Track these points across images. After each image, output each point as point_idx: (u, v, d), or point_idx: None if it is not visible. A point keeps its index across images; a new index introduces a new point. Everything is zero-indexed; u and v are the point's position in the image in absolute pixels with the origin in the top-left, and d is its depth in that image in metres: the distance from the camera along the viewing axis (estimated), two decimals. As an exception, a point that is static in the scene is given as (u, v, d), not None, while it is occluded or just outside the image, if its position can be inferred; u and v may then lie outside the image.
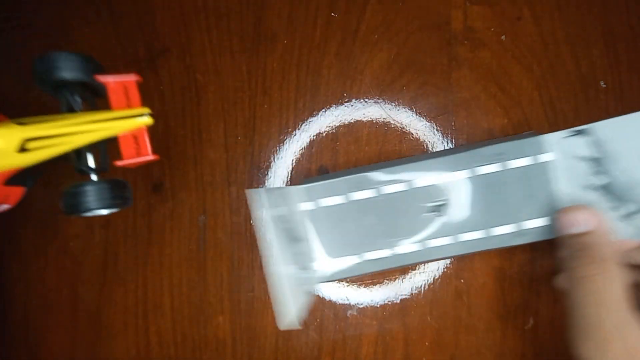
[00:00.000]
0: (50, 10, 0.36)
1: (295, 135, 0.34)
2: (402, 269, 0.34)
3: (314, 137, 0.34)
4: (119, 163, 0.23)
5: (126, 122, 0.22)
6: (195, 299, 0.34)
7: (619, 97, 0.34)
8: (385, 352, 0.33)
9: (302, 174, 0.34)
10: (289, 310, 0.25)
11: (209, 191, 0.34)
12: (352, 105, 0.35)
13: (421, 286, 0.34)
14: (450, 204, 0.30)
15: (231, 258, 0.34)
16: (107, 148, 0.24)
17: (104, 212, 0.23)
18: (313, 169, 0.34)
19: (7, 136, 0.19)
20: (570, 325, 0.27)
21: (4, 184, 0.21)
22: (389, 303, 0.34)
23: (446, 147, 0.34)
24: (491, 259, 0.34)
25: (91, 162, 0.23)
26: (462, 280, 0.34)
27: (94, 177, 0.23)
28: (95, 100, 0.25)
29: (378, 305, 0.34)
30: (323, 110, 0.35)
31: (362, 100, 0.35)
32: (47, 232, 0.35)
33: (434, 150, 0.34)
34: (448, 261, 0.34)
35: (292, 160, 0.34)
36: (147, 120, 0.23)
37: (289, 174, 0.34)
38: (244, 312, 0.34)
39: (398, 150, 0.34)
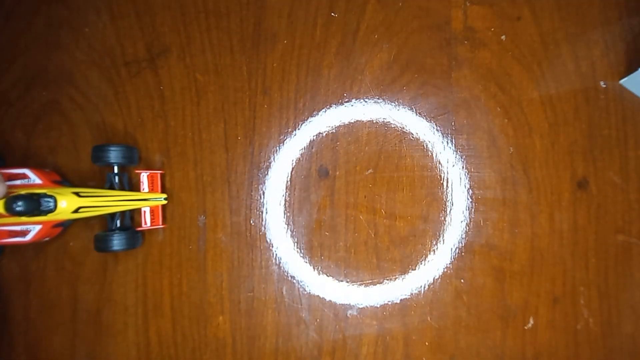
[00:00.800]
0: (50, 10, 0.36)
1: (295, 135, 0.34)
2: (402, 269, 0.34)
3: (314, 137, 0.34)
4: (139, 228, 0.33)
5: (149, 202, 0.33)
6: (195, 299, 0.34)
7: (619, 97, 0.34)
8: (385, 352, 0.33)
9: (302, 174, 0.34)
10: None
11: (209, 191, 0.34)
12: (352, 105, 0.35)
13: (421, 286, 0.34)
14: None
15: (231, 258, 0.34)
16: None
17: (120, 250, 0.32)
18: (313, 169, 0.34)
19: (70, 204, 0.30)
20: None
21: (52, 227, 0.31)
22: (389, 303, 0.34)
23: (446, 147, 0.34)
24: (491, 259, 0.34)
25: (118, 222, 0.33)
26: (462, 280, 0.34)
27: (117, 229, 0.33)
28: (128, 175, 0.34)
29: (378, 305, 0.34)
30: (323, 110, 0.35)
31: (362, 100, 0.35)
32: (47, 232, 0.35)
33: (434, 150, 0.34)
34: (448, 261, 0.34)
35: (292, 160, 0.34)
36: (163, 202, 0.33)
37: (289, 174, 0.34)
38: (244, 312, 0.34)
39: (398, 150, 0.34)
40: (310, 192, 0.34)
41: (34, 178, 0.31)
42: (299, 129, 0.34)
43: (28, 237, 0.30)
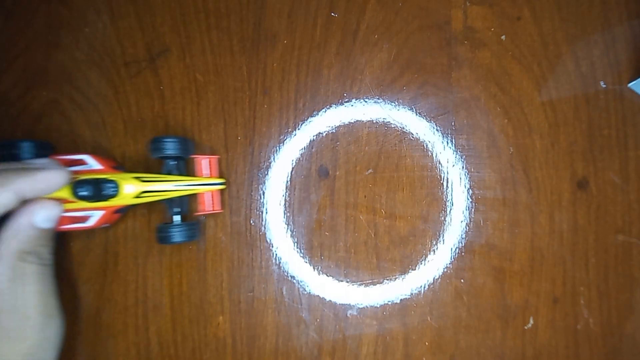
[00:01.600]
0: (50, 10, 0.36)
1: (295, 135, 0.34)
2: (402, 269, 0.34)
3: (314, 137, 0.34)
4: (197, 213, 0.33)
5: (208, 187, 0.32)
6: (195, 299, 0.34)
7: (619, 97, 0.34)
8: (385, 352, 0.33)
9: (302, 174, 0.34)
10: None
11: (209, 191, 0.34)
12: (352, 105, 0.35)
13: (421, 286, 0.34)
14: None
15: (231, 258, 0.34)
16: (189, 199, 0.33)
17: (181, 242, 0.32)
18: (313, 169, 0.34)
19: (133, 189, 0.30)
20: None
21: (113, 213, 0.30)
22: (389, 303, 0.34)
23: (446, 147, 0.34)
24: (491, 259, 0.34)
25: (177, 208, 0.32)
26: (462, 280, 0.34)
27: (177, 219, 0.32)
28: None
29: (378, 305, 0.34)
30: (323, 110, 0.35)
31: (362, 100, 0.35)
32: (47, 232, 0.35)
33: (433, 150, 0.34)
34: (448, 261, 0.34)
35: (292, 160, 0.34)
36: (221, 187, 0.33)
37: (289, 174, 0.34)
38: (244, 312, 0.34)
39: (398, 150, 0.34)
40: (310, 192, 0.34)
41: (93, 163, 0.31)
42: (299, 129, 0.34)
43: (89, 223, 0.30)
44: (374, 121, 0.34)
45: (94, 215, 0.30)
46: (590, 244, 0.34)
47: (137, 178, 0.30)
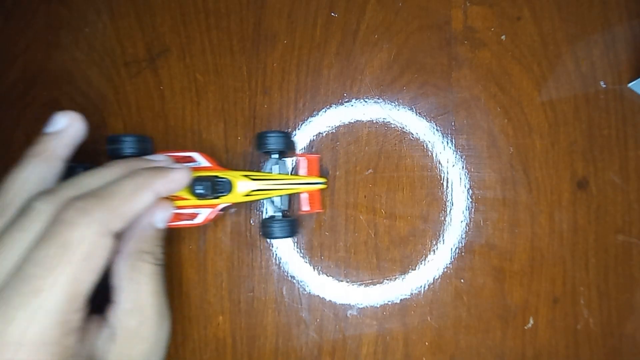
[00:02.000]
0: (50, 10, 0.36)
1: (295, 135, 0.34)
2: (402, 269, 0.34)
3: (314, 137, 0.34)
4: (301, 212, 0.33)
5: (310, 186, 0.32)
6: (195, 299, 0.34)
7: (619, 97, 0.34)
8: (385, 352, 0.33)
9: (302, 174, 0.34)
10: None
11: (209, 191, 0.34)
12: (352, 105, 0.35)
13: (421, 286, 0.34)
14: None
15: (231, 258, 0.34)
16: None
17: (282, 239, 0.32)
18: (313, 169, 0.34)
19: (245, 187, 0.30)
20: None
21: (219, 211, 0.31)
22: (389, 303, 0.34)
23: (446, 147, 0.34)
24: (491, 259, 0.34)
25: (279, 206, 0.32)
26: (462, 280, 0.34)
27: (279, 215, 0.32)
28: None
29: (378, 305, 0.34)
30: (323, 110, 0.35)
31: (362, 100, 0.35)
32: (47, 232, 0.35)
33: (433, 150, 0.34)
34: (448, 261, 0.34)
35: (292, 160, 0.34)
36: (322, 186, 0.32)
37: (289, 174, 0.34)
38: (244, 312, 0.34)
39: (398, 150, 0.34)
40: (310, 192, 0.34)
41: (202, 161, 0.31)
42: (299, 129, 0.34)
43: (197, 220, 0.30)
44: (374, 121, 0.34)
45: (202, 212, 0.30)
46: (590, 244, 0.34)
47: (246, 176, 0.30)
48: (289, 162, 0.34)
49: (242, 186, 0.30)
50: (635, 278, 0.33)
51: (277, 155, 0.32)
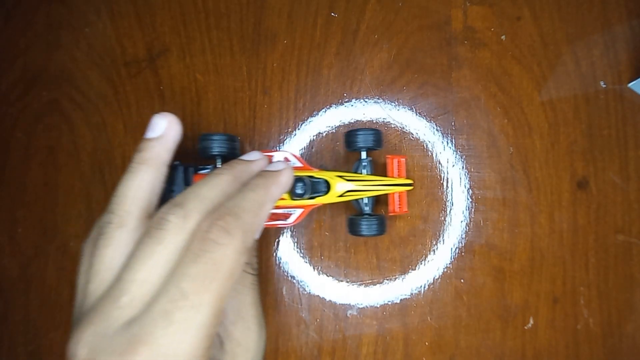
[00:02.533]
0: (50, 10, 0.36)
1: (295, 135, 0.34)
2: (402, 269, 0.34)
3: (314, 137, 0.34)
4: (391, 213, 0.32)
5: (398, 187, 0.31)
6: (195, 299, 0.34)
7: (619, 97, 0.34)
8: (385, 352, 0.33)
9: (302, 174, 0.34)
10: None
11: (209, 191, 0.34)
12: (352, 105, 0.35)
13: (421, 286, 0.34)
14: None
15: (231, 258, 0.34)
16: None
17: (370, 235, 0.31)
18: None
19: (341, 188, 0.30)
20: None
21: (307, 214, 0.30)
22: (389, 303, 0.34)
23: (446, 147, 0.34)
24: (491, 259, 0.34)
25: (362, 205, 0.32)
26: (462, 280, 0.34)
27: (367, 213, 0.31)
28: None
29: (378, 305, 0.34)
30: (323, 110, 0.35)
31: (362, 100, 0.35)
32: (47, 232, 0.35)
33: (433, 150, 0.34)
34: (448, 261, 0.34)
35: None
36: (409, 188, 0.31)
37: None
38: (244, 312, 0.34)
39: (398, 150, 0.34)
40: (310, 192, 0.34)
41: (294, 161, 0.30)
42: (299, 129, 0.34)
43: (290, 220, 0.29)
44: (374, 121, 0.34)
45: (295, 213, 0.30)
46: (590, 244, 0.34)
47: (340, 177, 0.30)
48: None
49: (340, 187, 0.29)
50: (635, 278, 0.33)
51: (365, 154, 0.31)
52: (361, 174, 0.31)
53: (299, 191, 0.28)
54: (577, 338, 0.33)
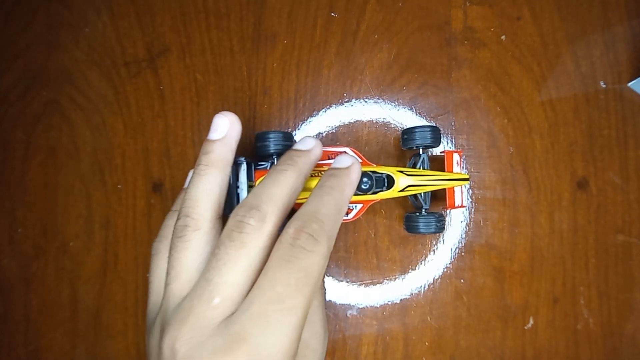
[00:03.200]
0: (50, 10, 0.36)
1: (295, 135, 0.34)
2: (402, 269, 0.34)
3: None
4: (445, 208, 0.32)
5: (456, 182, 0.30)
6: (195, 299, 0.34)
7: (619, 97, 0.34)
8: (385, 352, 0.33)
9: (302, 174, 0.34)
10: None
11: (209, 191, 0.34)
12: (352, 105, 0.35)
13: (421, 286, 0.34)
14: None
15: (231, 258, 0.34)
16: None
17: (428, 233, 0.31)
18: (313, 169, 0.34)
19: (406, 183, 0.29)
20: None
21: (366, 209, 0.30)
22: (389, 303, 0.34)
23: (446, 147, 0.34)
24: (491, 259, 0.34)
25: (421, 200, 0.31)
26: (462, 280, 0.34)
27: (424, 210, 0.31)
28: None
29: (378, 305, 0.34)
30: (323, 110, 0.35)
31: (362, 100, 0.35)
32: (47, 232, 0.35)
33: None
34: (448, 261, 0.34)
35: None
36: (466, 182, 0.31)
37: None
38: (244, 312, 0.34)
39: (398, 150, 0.34)
40: (310, 192, 0.34)
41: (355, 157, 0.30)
42: (299, 129, 0.34)
43: (350, 216, 0.30)
44: (374, 121, 0.34)
45: (355, 208, 0.30)
46: (590, 244, 0.34)
47: (400, 172, 0.29)
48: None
49: (403, 182, 0.29)
50: (635, 278, 0.33)
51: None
52: (419, 169, 0.31)
53: (364, 187, 0.28)
54: (577, 338, 0.33)
